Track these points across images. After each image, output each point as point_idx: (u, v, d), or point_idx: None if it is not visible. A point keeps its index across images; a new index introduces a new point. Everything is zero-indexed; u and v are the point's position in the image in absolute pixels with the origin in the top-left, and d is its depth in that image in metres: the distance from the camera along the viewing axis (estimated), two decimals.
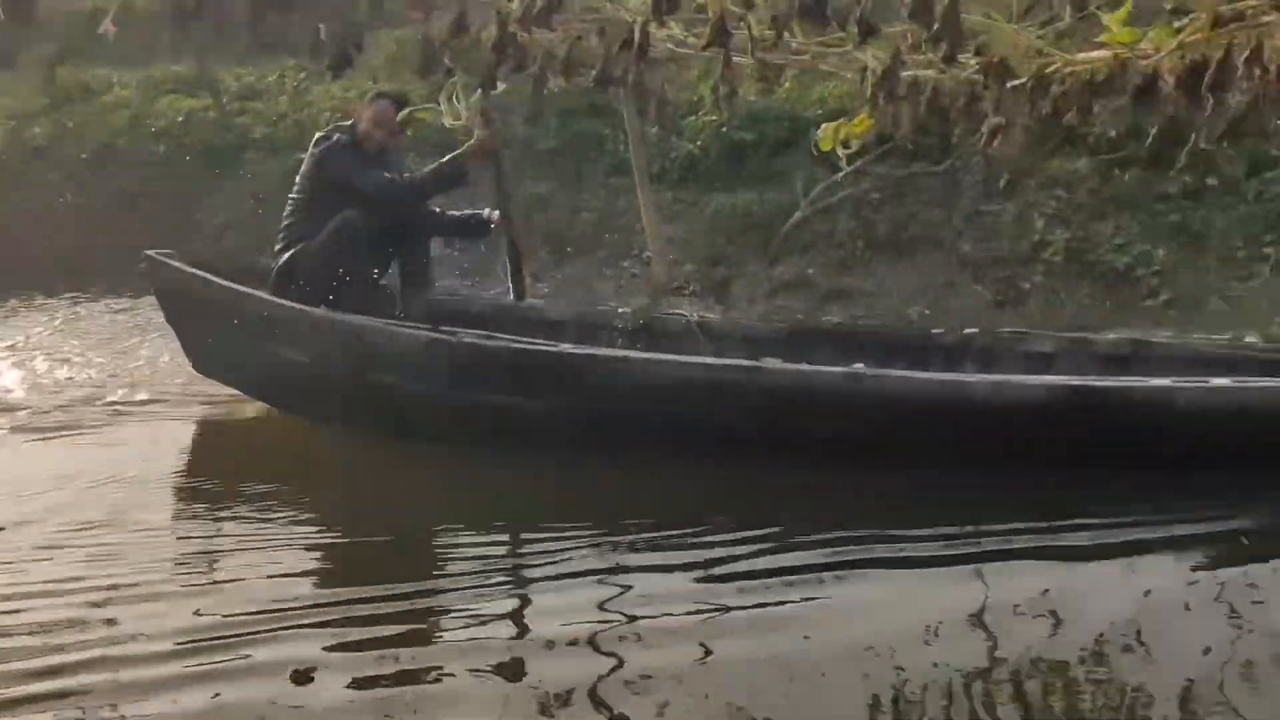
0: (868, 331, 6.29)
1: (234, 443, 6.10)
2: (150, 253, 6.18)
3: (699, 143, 9.87)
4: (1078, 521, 3.96)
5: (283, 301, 5.54)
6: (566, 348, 5.08)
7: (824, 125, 3.49)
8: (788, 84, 8.55)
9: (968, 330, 5.89)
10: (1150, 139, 3.54)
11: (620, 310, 6.46)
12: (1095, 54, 3.35)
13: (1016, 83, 3.61)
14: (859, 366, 4.65)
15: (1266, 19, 2.92)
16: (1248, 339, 5.63)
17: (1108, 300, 7.94)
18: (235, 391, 6.18)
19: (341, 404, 5.38)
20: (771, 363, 4.79)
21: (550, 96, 10.07)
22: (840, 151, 3.52)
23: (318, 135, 6.06)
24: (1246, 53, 3.12)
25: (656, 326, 6.17)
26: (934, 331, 5.95)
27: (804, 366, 4.90)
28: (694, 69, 7.66)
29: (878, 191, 9.17)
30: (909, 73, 3.62)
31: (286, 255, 5.82)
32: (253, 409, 6.14)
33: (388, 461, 5.20)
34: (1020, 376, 4.74)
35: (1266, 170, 8.13)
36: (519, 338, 5.26)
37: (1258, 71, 3.17)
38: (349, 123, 6.08)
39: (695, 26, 3.27)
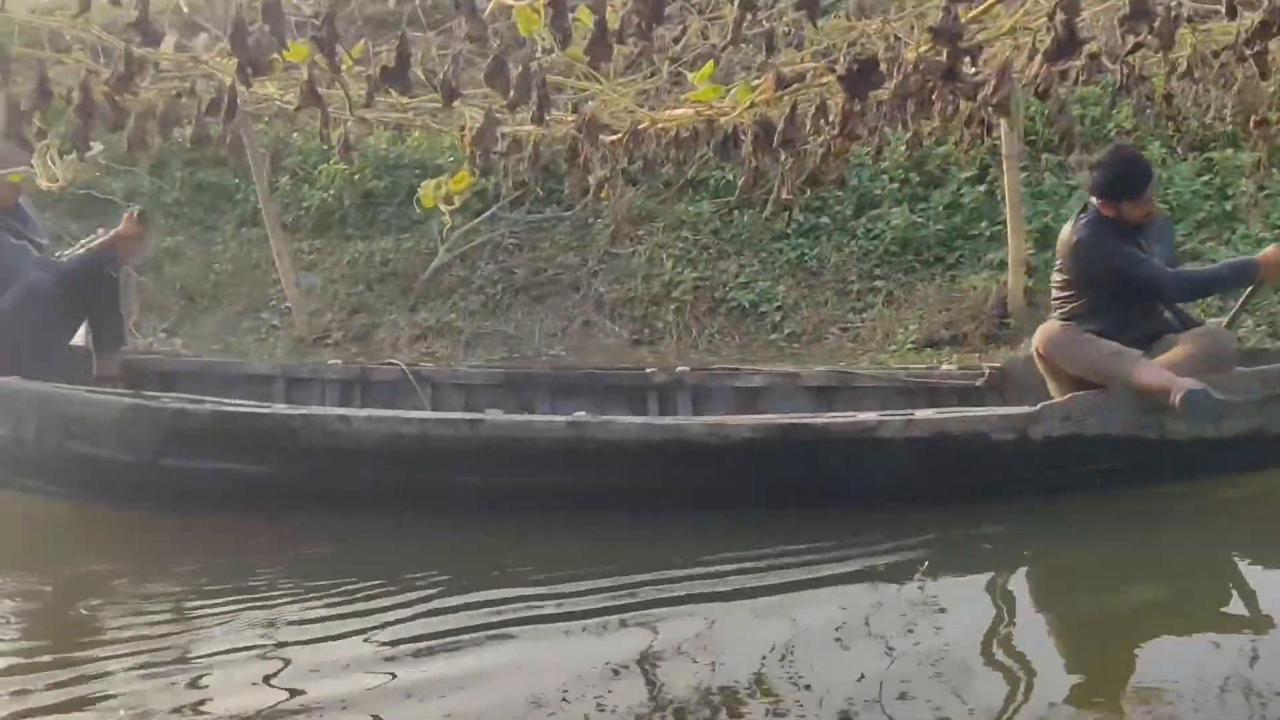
0: (584, 373, 6.23)
1: None
2: None
3: (331, 191, 9.79)
4: (739, 565, 4.03)
5: None
6: (280, 409, 4.82)
7: (424, 183, 3.54)
8: (416, 132, 8.59)
9: (680, 368, 5.97)
10: (738, 188, 3.77)
11: (330, 362, 6.20)
12: (680, 112, 3.58)
13: (613, 138, 3.81)
14: (581, 414, 4.60)
15: (824, 80, 3.19)
16: (944, 366, 5.84)
17: (736, 335, 8.37)
18: None
19: (42, 473, 4.95)
20: (494, 414, 4.65)
21: (173, 146, 9.77)
22: (444, 208, 3.58)
23: None
24: (813, 110, 3.42)
25: (370, 377, 5.95)
26: (648, 370, 5.97)
27: (527, 417, 4.84)
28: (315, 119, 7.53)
29: (514, 237, 9.36)
30: (510, 129, 3.76)
31: None
32: None
33: (69, 528, 4.89)
34: (734, 417, 4.78)
35: (872, 209, 8.81)
36: (226, 400, 4.95)
37: (825, 126, 3.47)
38: None
39: (293, 85, 3.26)
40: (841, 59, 2.99)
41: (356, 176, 9.68)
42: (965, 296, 7.86)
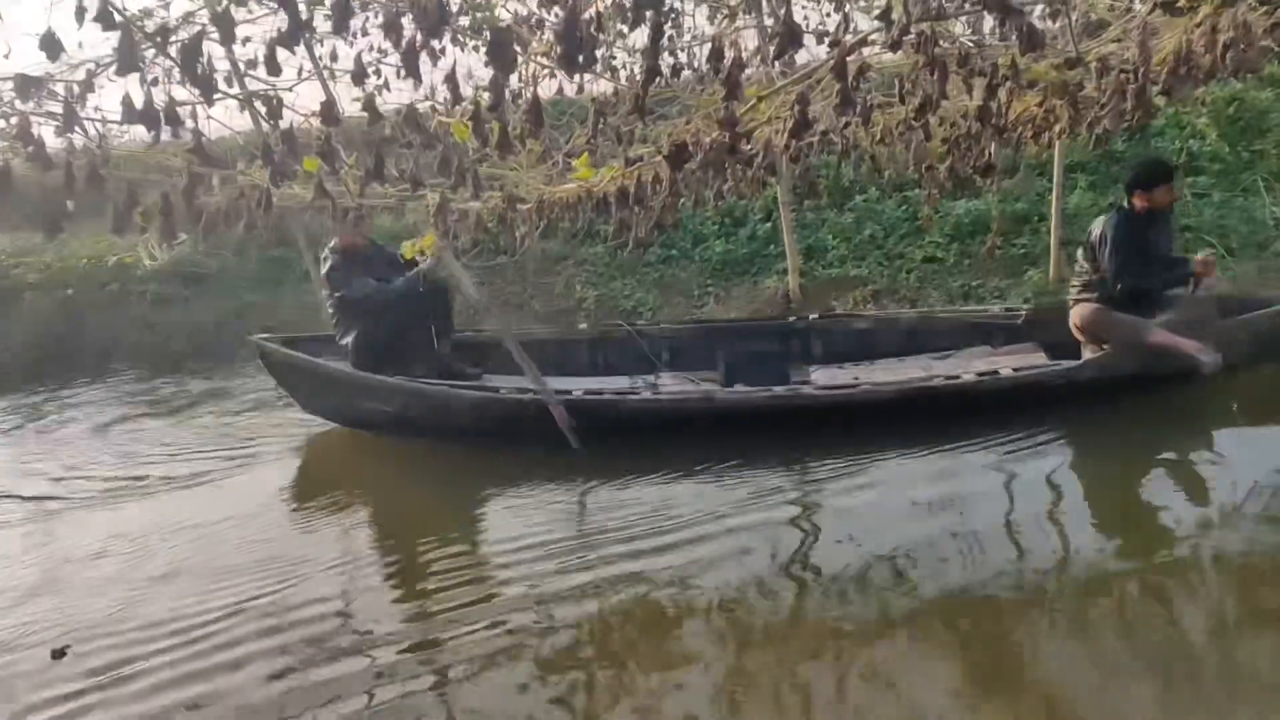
0: (744, 323, 6.35)
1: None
2: (254, 337, 5.59)
3: None
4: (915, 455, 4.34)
5: (363, 375, 5.10)
6: (609, 393, 4.87)
7: (404, 243, 3.45)
8: (408, 213, 8.36)
9: (811, 315, 6.04)
10: (610, 235, 3.73)
11: (580, 327, 6.33)
12: (568, 186, 3.52)
13: (526, 206, 3.73)
14: (779, 388, 4.82)
15: (656, 159, 3.15)
16: (995, 308, 5.83)
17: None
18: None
19: (416, 430, 5.03)
20: (714, 389, 4.90)
21: (250, 234, 9.39)
22: (419, 259, 3.47)
23: (324, 255, 5.51)
24: (650, 179, 3.38)
25: (608, 335, 6.10)
26: (791, 320, 6.05)
27: (743, 391, 4.86)
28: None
29: (477, 276, 9.12)
30: (460, 205, 3.66)
31: (350, 339, 5.30)
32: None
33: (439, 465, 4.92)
34: (883, 383, 4.80)
35: (702, 242, 8.81)
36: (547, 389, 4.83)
37: (659, 189, 3.43)
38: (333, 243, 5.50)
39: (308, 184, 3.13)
40: (665, 144, 2.97)
41: None
42: (764, 293, 7.88)
